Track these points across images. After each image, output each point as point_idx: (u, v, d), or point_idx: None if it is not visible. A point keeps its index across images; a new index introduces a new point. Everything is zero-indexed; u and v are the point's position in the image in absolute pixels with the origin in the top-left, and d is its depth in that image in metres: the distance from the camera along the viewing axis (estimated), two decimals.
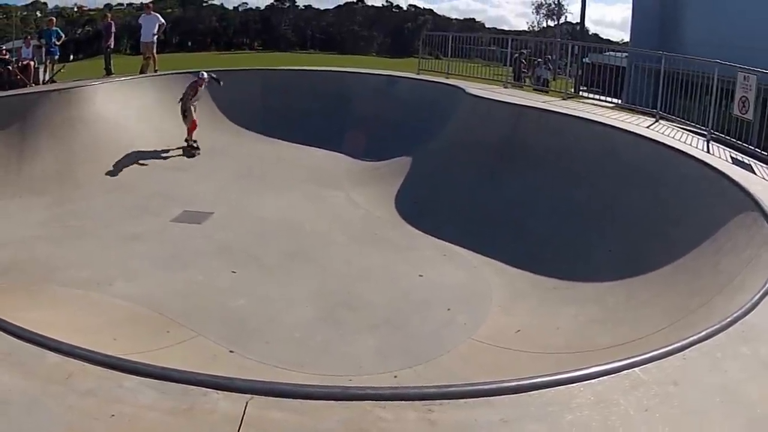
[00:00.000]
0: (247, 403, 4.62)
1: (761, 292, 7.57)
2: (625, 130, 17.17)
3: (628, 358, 5.83)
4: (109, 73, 26.86)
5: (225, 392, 4.75)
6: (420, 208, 17.68)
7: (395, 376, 9.75)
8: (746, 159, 15.45)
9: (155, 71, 27.14)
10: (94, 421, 4.43)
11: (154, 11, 27.86)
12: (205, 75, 22.98)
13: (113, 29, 28.61)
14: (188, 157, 22.06)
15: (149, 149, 21.56)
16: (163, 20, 28.03)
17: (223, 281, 13.06)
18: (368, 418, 4.59)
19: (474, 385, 5.11)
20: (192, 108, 22.30)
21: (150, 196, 18.12)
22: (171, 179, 19.76)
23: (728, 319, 6.86)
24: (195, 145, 22.50)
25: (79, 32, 78.11)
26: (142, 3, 29.56)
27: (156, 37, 27.31)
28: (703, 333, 6.49)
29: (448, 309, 12.23)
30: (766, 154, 15.49)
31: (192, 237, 15.30)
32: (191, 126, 22.30)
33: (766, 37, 28.06)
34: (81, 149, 19.77)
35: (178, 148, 21.91)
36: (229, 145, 23.47)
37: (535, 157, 17.73)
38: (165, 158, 21.54)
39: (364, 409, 4.67)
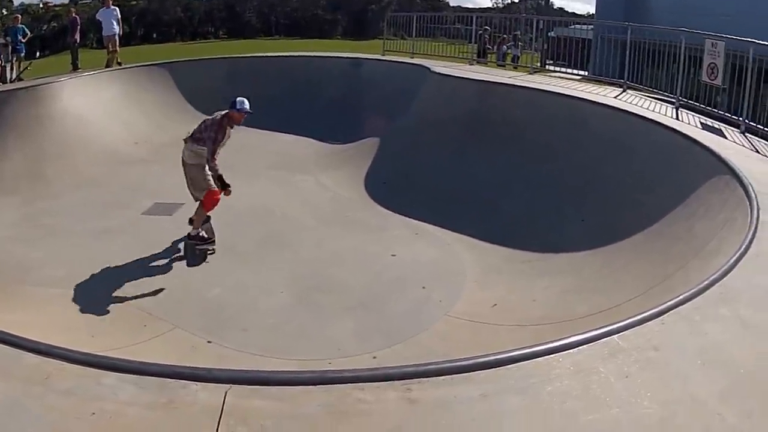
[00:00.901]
0: (226, 393, 4.55)
1: (737, 254, 7.55)
2: (593, 102, 17.26)
3: (606, 326, 5.78)
4: (76, 68, 26.74)
5: (203, 383, 4.67)
6: (389, 188, 17.62)
7: (374, 357, 9.71)
8: (716, 124, 15.50)
9: (118, 64, 26.91)
10: (75, 421, 4.34)
11: (113, 4, 27.61)
12: (247, 106, 14.59)
13: (79, 24, 28.45)
14: (192, 260, 13.73)
15: (118, 143, 21.34)
16: (119, 15, 27.86)
17: (197, 271, 12.94)
18: (348, 400, 4.53)
19: (452, 361, 5.05)
20: (214, 165, 14.18)
21: (120, 190, 17.92)
22: (140, 172, 19.55)
23: (705, 282, 6.82)
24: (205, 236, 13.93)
25: (44, 28, 77.39)
26: None
27: (117, 30, 27.15)
28: (681, 297, 6.45)
29: (423, 287, 12.18)
30: (736, 118, 15.52)
31: (164, 229, 15.07)
32: (209, 198, 13.94)
33: (732, 3, 28.16)
34: (50, 147, 19.49)
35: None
36: None
37: (504, 133, 17.72)
38: (134, 151, 21.32)
39: (344, 392, 4.61)
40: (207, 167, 13.82)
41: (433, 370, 4.91)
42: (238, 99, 14.53)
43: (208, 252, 13.56)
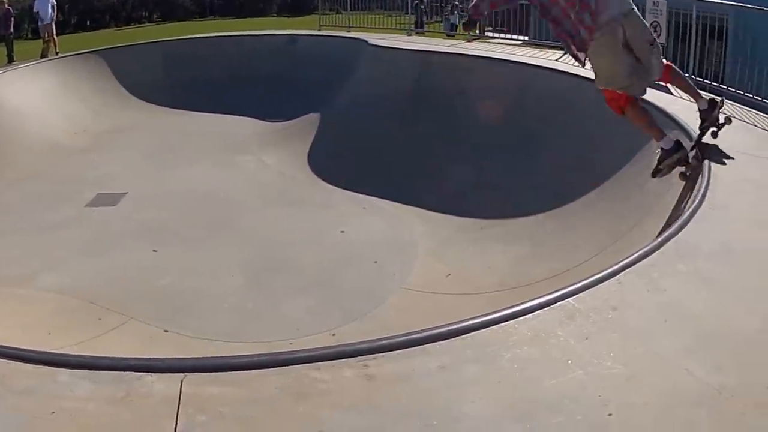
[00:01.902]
0: (181, 382, 4.46)
1: (692, 209, 7.54)
2: (534, 65, 17.40)
3: (561, 289, 5.72)
4: (11, 60, 26.35)
5: (158, 374, 4.56)
6: (334, 163, 17.62)
7: (333, 335, 9.74)
8: (661, 81, 15.61)
9: (56, 54, 26.69)
10: (38, 421, 4.22)
11: None
12: None
13: (12, 15, 28.11)
14: None
15: (57, 134, 21.07)
16: (54, 3, 27.55)
17: (147, 261, 12.77)
18: (305, 381, 4.46)
19: (407, 335, 4.98)
20: None
21: (63, 182, 17.62)
22: (82, 163, 19.26)
23: (660, 239, 6.79)
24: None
25: None
26: None
27: (53, 18, 26.81)
28: (636, 255, 6.41)
29: (375, 262, 12.22)
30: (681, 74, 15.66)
31: (110, 220, 14.96)
32: None
33: None
34: None
35: None
36: (136, 122, 23.09)
37: (446, 102, 17.71)
38: (73, 142, 21.03)
39: (300, 372, 4.54)
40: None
41: (389, 344, 4.85)
42: None
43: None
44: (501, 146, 15.38)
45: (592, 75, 14.12)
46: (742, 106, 13.71)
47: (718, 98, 10.06)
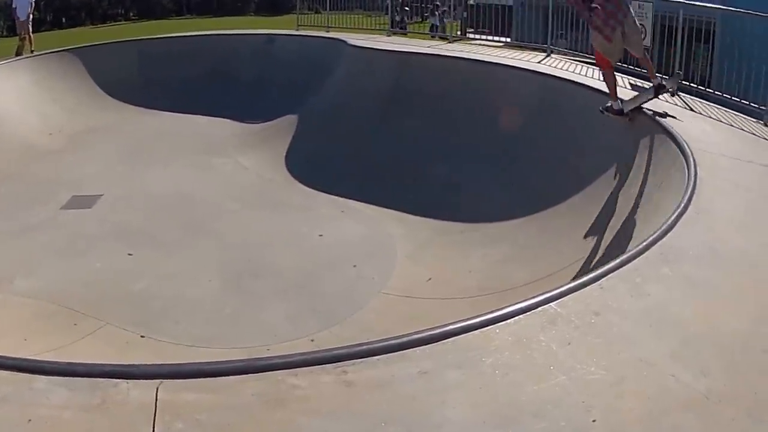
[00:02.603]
0: (157, 388, 4.45)
1: (677, 213, 7.56)
2: (516, 67, 17.36)
3: (543, 294, 5.74)
4: None
5: (134, 380, 4.55)
6: (312, 166, 17.53)
7: (312, 340, 9.71)
8: (646, 84, 15.64)
9: (32, 52, 26.44)
10: (15, 429, 4.21)
11: None
12: None
13: None
14: None
15: (31, 135, 20.82)
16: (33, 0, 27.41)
17: (123, 264, 12.66)
18: (282, 387, 4.45)
19: (386, 340, 4.98)
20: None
21: (37, 184, 17.40)
22: (56, 164, 19.04)
23: (645, 243, 6.80)
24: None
25: None
26: None
27: (31, 15, 26.73)
28: (620, 259, 6.43)
29: (354, 265, 12.18)
30: (667, 78, 15.68)
31: (85, 222, 14.80)
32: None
33: None
34: None
35: None
36: (111, 122, 22.84)
37: (425, 103, 17.74)
38: (48, 142, 20.84)
39: (277, 378, 4.54)
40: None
41: (367, 350, 4.85)
42: None
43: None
44: (481, 148, 15.43)
45: (573, 78, 14.30)
46: (729, 110, 13.80)
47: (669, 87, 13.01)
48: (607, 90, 12.89)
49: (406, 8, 32.84)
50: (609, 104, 12.72)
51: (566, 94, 14.76)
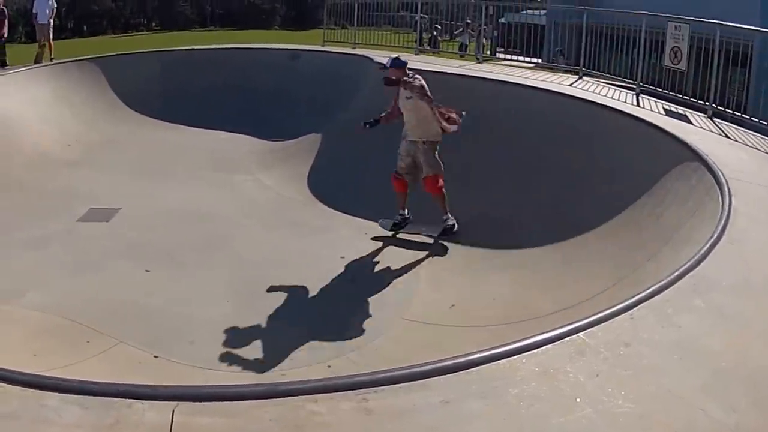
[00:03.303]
0: (173, 410, 4.44)
1: (710, 243, 7.53)
2: (546, 90, 17.35)
3: (572, 323, 5.73)
4: (3, 64, 26.09)
5: (149, 401, 4.55)
6: (334, 186, 17.60)
7: (329, 366, 9.61)
8: (680, 109, 15.57)
9: (51, 59, 26.61)
10: None
11: None
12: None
13: (6, 16, 27.98)
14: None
15: (49, 144, 20.95)
16: (55, 5, 27.54)
17: (139, 281, 12.63)
18: (301, 413, 4.45)
19: (408, 368, 4.97)
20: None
21: (53, 195, 17.46)
22: (74, 175, 19.14)
23: (677, 273, 6.79)
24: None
25: None
26: None
27: (51, 21, 26.85)
28: (651, 289, 6.41)
29: (375, 290, 12.15)
30: (702, 103, 15.59)
31: (101, 237, 14.81)
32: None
33: None
34: None
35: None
36: (130, 134, 23.03)
37: None
38: (66, 153, 20.94)
39: (296, 404, 4.54)
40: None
41: (389, 378, 4.84)
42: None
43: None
44: (507, 172, 15.44)
45: (605, 102, 14.28)
46: (766, 138, 13.73)
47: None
48: None
49: (437, 26, 32.77)
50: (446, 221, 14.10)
51: (597, 119, 14.71)
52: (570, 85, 18.36)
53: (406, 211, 14.56)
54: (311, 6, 79.16)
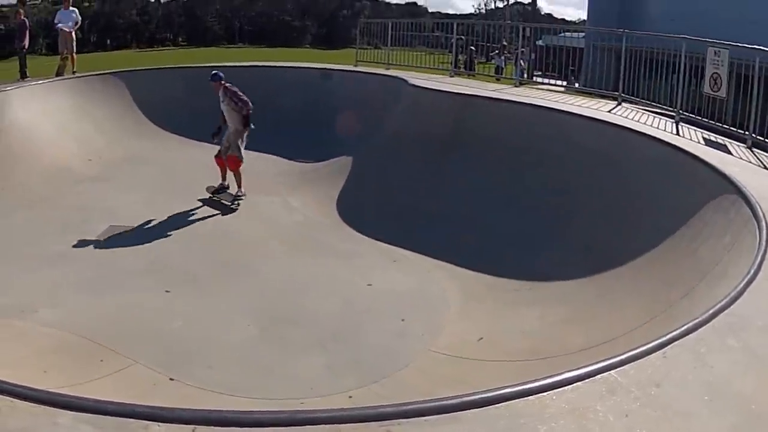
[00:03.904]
0: None
1: (746, 280, 7.52)
2: (584, 116, 17.29)
3: (603, 361, 5.73)
4: (24, 76, 26.27)
5: (166, 424, 4.58)
6: (364, 210, 17.60)
7: (350, 396, 9.58)
8: (720, 139, 15.47)
9: (73, 72, 26.78)
10: None
11: (72, 5, 27.53)
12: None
13: (28, 28, 28.16)
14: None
15: (70, 159, 21.15)
16: (79, 17, 27.76)
17: (157, 302, 12.72)
18: None
19: (436, 400, 4.98)
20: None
21: (72, 210, 17.67)
22: (94, 191, 19.39)
23: (712, 311, 6.78)
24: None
25: None
26: None
27: (74, 32, 27.04)
28: (685, 327, 6.41)
29: (402, 319, 12.10)
30: (742, 132, 15.49)
31: (120, 254, 14.96)
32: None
33: (737, 7, 28.21)
34: None
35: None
36: (154, 151, 23.19)
37: (485, 150, 17.73)
38: (87, 168, 21.12)
39: None
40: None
41: (415, 410, 4.85)
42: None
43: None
44: (541, 200, 15.44)
45: (644, 129, 14.25)
46: None
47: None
48: None
49: (473, 48, 32.74)
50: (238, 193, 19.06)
51: (634, 147, 14.67)
52: (609, 111, 18.31)
53: (226, 183, 19.33)
54: (343, 24, 79.45)
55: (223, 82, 19.34)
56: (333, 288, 13.56)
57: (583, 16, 54.51)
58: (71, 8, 27.23)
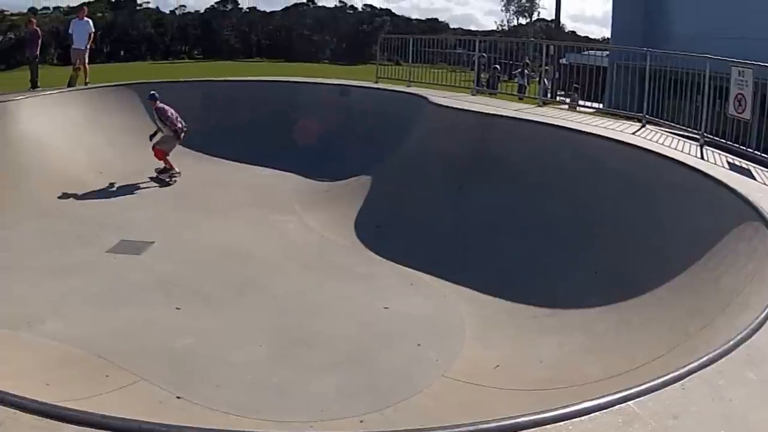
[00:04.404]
0: None
1: (766, 311, 7.53)
2: (607, 138, 17.23)
3: (621, 391, 5.77)
4: (35, 86, 26.59)
5: None
6: (382, 231, 17.59)
7: (361, 421, 9.58)
8: (744, 163, 15.40)
9: (86, 83, 26.99)
10: None
11: (87, 16, 27.74)
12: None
13: (40, 37, 28.29)
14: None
15: (81, 171, 21.36)
16: (93, 28, 27.96)
17: (167, 318, 12.81)
18: None
19: (447, 428, 5.04)
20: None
21: (82, 223, 17.84)
22: (105, 204, 19.62)
23: (731, 342, 6.82)
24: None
25: None
26: (70, 6, 29.34)
27: (88, 46, 27.24)
28: (704, 359, 6.45)
29: (418, 344, 12.09)
30: (766, 156, 15.41)
31: (130, 269, 15.06)
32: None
33: (763, 26, 28.13)
34: (3, 171, 19.31)
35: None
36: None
37: (507, 171, 17.74)
38: (98, 181, 21.30)
39: None
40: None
41: None
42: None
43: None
44: (562, 225, 15.40)
45: (668, 153, 14.22)
46: None
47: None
48: None
49: (497, 66, 32.67)
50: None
51: (658, 170, 14.62)
52: (633, 133, 18.25)
53: (176, 169, 23.07)
54: (363, 40, 79.49)
55: (156, 101, 23.19)
56: (348, 310, 13.59)
57: (607, 33, 54.48)
58: (86, 19, 27.47)
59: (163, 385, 10.36)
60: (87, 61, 27.56)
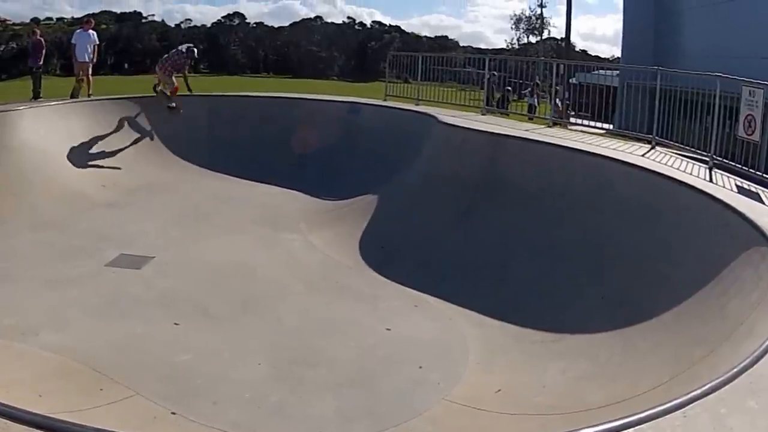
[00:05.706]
0: None
1: None
2: (617, 160, 17.20)
3: (622, 419, 5.79)
4: (37, 96, 26.76)
5: None
6: (387, 252, 17.59)
7: None
8: (753, 187, 15.34)
9: (89, 95, 27.09)
10: None
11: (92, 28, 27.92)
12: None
13: (44, 47, 28.39)
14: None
15: (82, 183, 21.50)
16: (96, 40, 28.13)
17: (165, 334, 12.84)
18: None
19: None
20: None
21: (82, 235, 17.92)
22: (106, 217, 19.67)
23: (734, 370, 6.83)
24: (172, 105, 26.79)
25: (1, 49, 76.78)
26: (73, 17, 29.43)
27: (92, 59, 27.39)
28: (706, 387, 6.46)
29: (420, 367, 12.09)
30: None
31: (130, 283, 15.10)
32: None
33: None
34: (4, 181, 19.51)
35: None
36: (171, 180, 23.54)
37: (516, 193, 17.75)
38: (100, 194, 21.40)
39: None
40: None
41: None
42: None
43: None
44: (569, 249, 15.38)
45: (677, 176, 14.20)
46: None
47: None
48: None
49: (509, 89, 32.64)
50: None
51: (667, 195, 14.61)
52: (642, 155, 18.26)
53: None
54: (371, 57, 79.60)
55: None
56: (350, 331, 13.59)
57: (618, 53, 54.50)
58: (90, 30, 27.78)
59: (158, 400, 10.38)
60: (90, 72, 27.71)
